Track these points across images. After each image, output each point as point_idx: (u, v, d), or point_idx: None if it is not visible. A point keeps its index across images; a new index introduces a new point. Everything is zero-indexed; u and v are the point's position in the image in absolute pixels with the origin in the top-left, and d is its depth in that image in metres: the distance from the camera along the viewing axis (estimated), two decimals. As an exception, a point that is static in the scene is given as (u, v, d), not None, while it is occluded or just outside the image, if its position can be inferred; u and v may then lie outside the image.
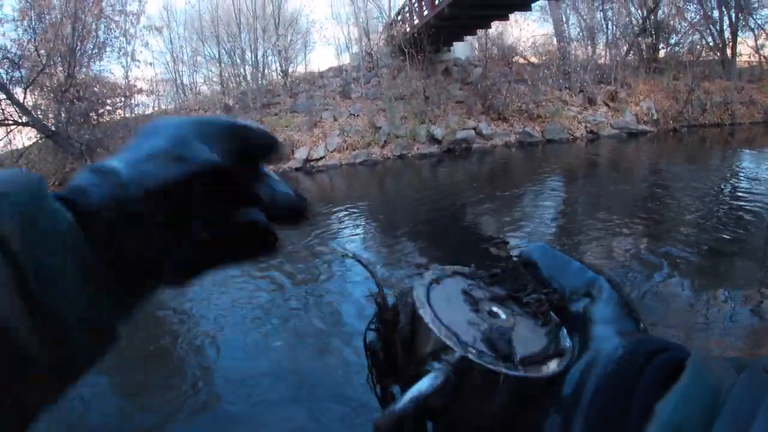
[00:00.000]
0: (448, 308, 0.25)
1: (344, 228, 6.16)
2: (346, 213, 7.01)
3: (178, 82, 14.77)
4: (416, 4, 12.57)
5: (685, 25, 18.07)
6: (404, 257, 4.62)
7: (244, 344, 3.27)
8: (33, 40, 13.33)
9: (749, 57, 19.94)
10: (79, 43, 13.73)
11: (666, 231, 4.96)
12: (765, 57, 19.36)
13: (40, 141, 13.70)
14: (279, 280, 4.28)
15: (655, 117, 14.32)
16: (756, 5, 17.84)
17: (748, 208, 5.59)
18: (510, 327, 0.25)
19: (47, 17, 13.61)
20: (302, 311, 3.66)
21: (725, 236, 4.69)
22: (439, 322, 0.23)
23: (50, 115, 13.60)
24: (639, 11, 16.59)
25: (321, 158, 12.08)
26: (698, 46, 18.28)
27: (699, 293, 3.44)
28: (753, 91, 15.73)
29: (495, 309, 0.26)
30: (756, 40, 19.28)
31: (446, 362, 0.22)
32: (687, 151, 11.65)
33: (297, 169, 12.02)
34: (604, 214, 5.64)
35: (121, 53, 14.62)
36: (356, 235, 5.82)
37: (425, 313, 0.24)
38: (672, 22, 17.56)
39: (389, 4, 14.63)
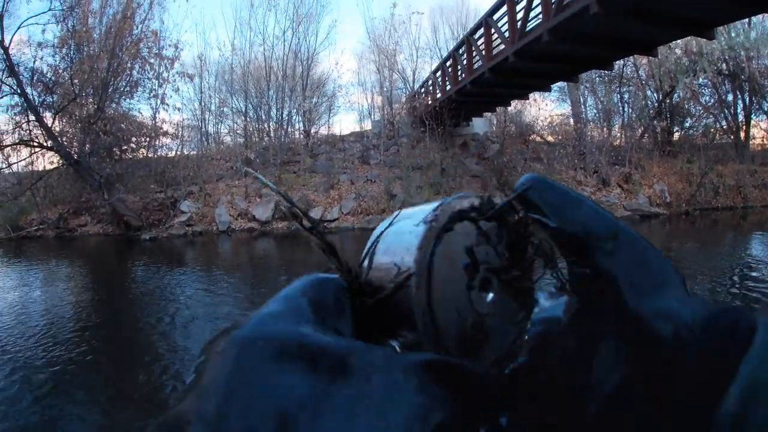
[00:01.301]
0: (446, 281, 0.25)
1: None
2: None
3: (203, 129, 15.19)
4: (440, 79, 12.98)
5: (700, 108, 18.46)
6: None
7: None
8: (69, 68, 13.82)
9: (762, 140, 20.23)
10: (112, 79, 14.18)
11: None
12: (778, 140, 19.63)
13: (61, 167, 13.92)
14: None
15: (668, 200, 14.37)
16: (770, 89, 18.20)
17: (758, 294, 5.55)
18: (487, 317, 0.25)
19: (86, 49, 14.15)
20: None
21: None
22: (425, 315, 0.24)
23: (75, 144, 13.90)
24: (655, 94, 16.99)
25: (335, 220, 12.20)
26: (712, 130, 18.60)
27: None
28: (766, 174, 15.81)
29: (488, 279, 0.27)
30: (770, 123, 19.61)
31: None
32: (699, 235, 11.61)
33: (308, 229, 12.12)
34: None
35: (151, 94, 15.04)
36: None
37: (418, 302, 0.24)
38: (687, 105, 17.95)
39: (413, 77, 15.22)
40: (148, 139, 15.09)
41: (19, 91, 12.71)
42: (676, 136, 17.54)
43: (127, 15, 14.59)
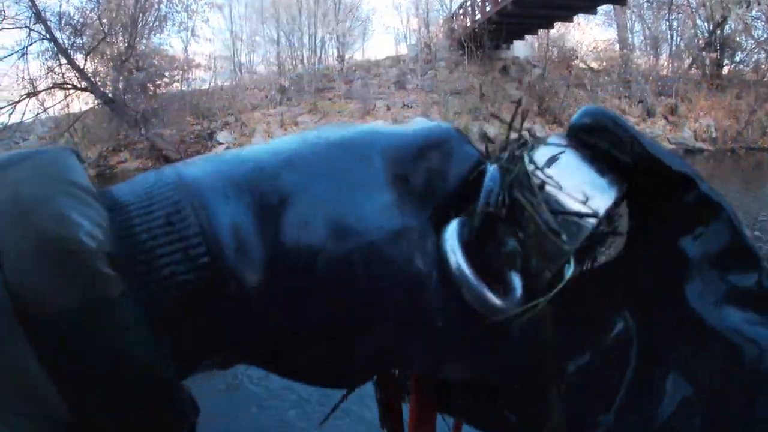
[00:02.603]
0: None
1: None
2: None
3: (236, 60, 15.06)
4: None
5: (752, 42, 17.38)
6: None
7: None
8: (96, 8, 13.73)
9: (817, 80, 19.11)
10: (140, 15, 14.08)
11: None
12: (832, 82, 18.50)
13: (96, 107, 14.09)
14: None
15: (713, 135, 13.83)
16: (827, 26, 16.97)
17: None
18: None
19: None
20: None
21: None
22: None
23: (108, 83, 14.02)
24: (705, 24, 16.02)
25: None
26: (763, 66, 17.59)
27: None
28: (819, 116, 15.11)
29: None
30: (825, 63, 18.43)
31: None
32: (743, 176, 11.23)
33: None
34: None
35: (181, 27, 14.92)
36: None
37: None
38: (738, 38, 16.91)
39: (451, -3, 14.59)
40: (180, 72, 15.06)
41: (48, 36, 12.65)
42: (726, 69, 16.64)
43: None
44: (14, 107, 13.23)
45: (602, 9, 13.19)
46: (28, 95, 13.23)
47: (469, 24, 12.84)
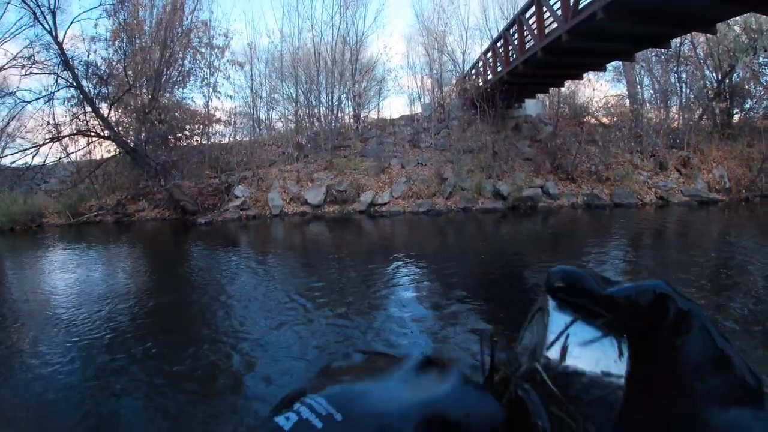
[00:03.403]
0: None
1: (400, 276, 6.15)
2: (405, 261, 7.04)
3: (255, 116, 15.51)
4: (490, 60, 12.79)
5: (761, 89, 17.47)
6: (458, 317, 4.52)
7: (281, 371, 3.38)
8: (122, 60, 14.29)
9: (827, 122, 19.00)
10: (165, 69, 14.60)
11: (731, 307, 4.72)
12: (844, 123, 18.38)
13: (118, 155, 14.51)
14: (330, 320, 4.43)
15: (727, 185, 13.74)
16: (836, 68, 17.01)
17: None
18: None
19: (138, 41, 14.62)
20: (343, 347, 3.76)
21: None
22: None
23: (131, 133, 14.49)
24: (714, 74, 16.18)
25: (385, 203, 12.32)
26: (774, 111, 17.61)
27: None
28: (831, 160, 14.93)
29: None
30: (835, 106, 18.37)
31: None
32: (759, 224, 11.06)
33: (361, 212, 12.30)
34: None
35: (203, 83, 15.44)
36: (411, 285, 5.76)
37: None
38: (747, 86, 17.03)
39: (463, 58, 15.04)
40: (201, 126, 15.55)
41: (74, 84, 13.18)
42: (736, 118, 16.67)
43: (177, 6, 14.98)
44: (38, 150, 13.65)
45: (611, 65, 13.41)
46: (52, 139, 13.69)
47: (481, 84, 13.12)
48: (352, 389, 0.26)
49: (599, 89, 15.65)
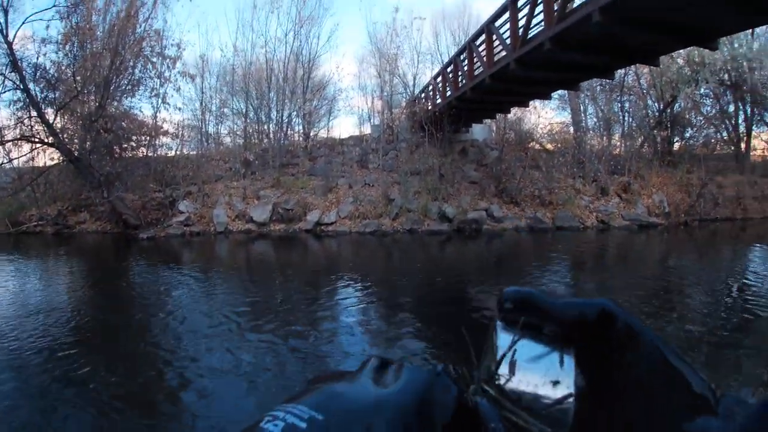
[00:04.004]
0: None
1: (345, 297, 6.11)
2: (350, 282, 7.00)
3: (203, 129, 15.20)
4: (440, 84, 12.99)
5: (701, 119, 18.47)
6: (401, 336, 4.55)
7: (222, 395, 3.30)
8: (72, 65, 13.84)
9: (763, 151, 20.20)
10: (114, 77, 14.18)
11: (672, 326, 4.90)
12: (779, 151, 19.62)
13: (62, 164, 13.95)
14: (271, 340, 4.35)
15: (666, 210, 14.31)
16: (772, 99, 18.16)
17: (755, 306, 5.59)
18: None
19: (89, 46, 14.13)
20: (284, 370, 3.71)
21: (733, 334, 4.68)
22: None
23: (76, 141, 13.94)
24: (656, 104, 16.99)
25: (332, 223, 12.22)
26: (713, 140, 18.62)
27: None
28: (766, 186, 15.74)
29: None
30: (771, 134, 19.59)
31: None
32: (697, 246, 11.60)
33: (307, 231, 12.16)
34: None
35: (152, 93, 15.03)
36: (355, 305, 5.72)
37: None
38: (688, 115, 17.95)
39: (414, 81, 15.24)
40: (148, 138, 15.12)
41: (21, 87, 12.69)
42: (677, 146, 17.55)
43: (131, 13, 14.60)
44: (-22, 153, 13.15)
45: (557, 94, 13.89)
46: (-6, 143, 13.23)
47: (430, 107, 13.28)
48: (328, 392, 0.29)
49: (544, 116, 16.21)
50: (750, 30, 14.51)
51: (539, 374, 0.31)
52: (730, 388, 3.29)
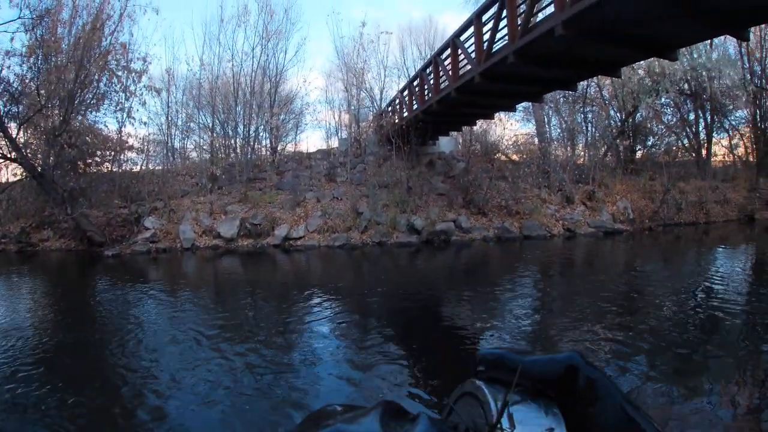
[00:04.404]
0: None
1: (315, 312, 6.06)
2: (320, 296, 6.95)
3: (169, 144, 14.99)
4: (407, 98, 13.15)
5: (662, 127, 19.14)
6: (373, 349, 4.55)
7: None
8: (36, 78, 13.47)
9: (723, 157, 21.03)
10: (79, 90, 13.86)
11: (640, 330, 4.97)
12: (739, 157, 20.46)
13: (25, 180, 13.54)
14: (241, 358, 4.29)
15: (631, 216, 14.69)
16: (731, 107, 18.95)
17: (720, 307, 5.73)
18: None
19: (53, 59, 13.80)
20: (258, 393, 3.65)
21: (699, 335, 4.80)
22: None
23: (39, 156, 13.52)
24: (618, 114, 17.56)
25: (300, 238, 12.16)
26: (674, 148, 19.30)
27: (675, 391, 3.49)
28: (727, 190, 16.35)
29: None
30: (730, 140, 20.42)
31: None
32: (662, 250, 11.87)
33: (275, 246, 12.06)
34: (577, 312, 5.71)
35: (118, 108, 14.72)
36: (326, 322, 5.68)
37: None
38: (649, 124, 18.59)
39: (381, 95, 15.38)
40: (113, 153, 14.81)
41: None
42: (639, 154, 18.14)
43: (97, 26, 14.34)
44: (-62, 168, 12.72)
45: (521, 106, 14.18)
46: (-45, 158, 12.82)
47: (397, 121, 13.41)
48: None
49: (509, 128, 16.54)
50: (708, 41, 15.19)
51: (535, 426, 0.33)
52: (700, 391, 3.46)
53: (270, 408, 3.37)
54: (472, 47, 8.57)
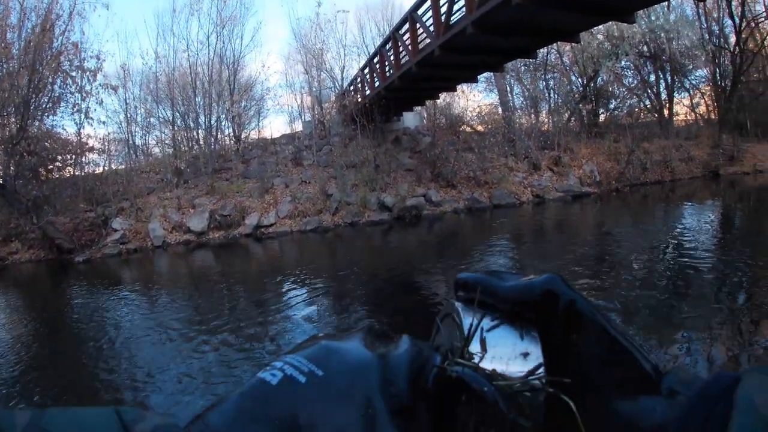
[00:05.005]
0: None
1: (291, 298, 6.07)
2: (295, 282, 6.97)
3: (131, 142, 14.64)
4: (368, 76, 13.09)
5: (624, 90, 19.52)
6: (355, 325, 4.58)
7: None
8: None
9: (686, 116, 21.62)
10: (34, 95, 13.48)
11: (615, 287, 5.08)
12: (700, 115, 21.06)
13: None
14: (220, 351, 4.31)
15: (597, 179, 15.02)
16: (690, 67, 19.42)
17: (690, 262, 5.91)
18: None
19: (5, 66, 13.32)
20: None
21: (673, 291, 4.91)
22: None
23: None
24: (579, 79, 17.81)
25: (272, 225, 12.12)
26: (636, 109, 19.72)
27: (653, 343, 3.58)
28: (691, 148, 16.73)
29: None
30: (692, 99, 20.99)
31: None
32: (630, 210, 12.12)
33: (247, 236, 12.00)
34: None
35: (74, 109, 14.32)
36: (305, 302, 5.73)
37: None
38: (611, 88, 18.92)
39: (342, 75, 15.27)
40: (73, 156, 14.43)
41: None
42: (602, 117, 18.46)
43: (47, 27, 13.85)
44: None
45: (483, 76, 14.28)
46: None
47: (360, 99, 13.34)
48: (327, 348, 0.30)
49: (473, 99, 16.66)
50: (665, 2, 15.44)
51: (509, 348, 0.32)
52: (677, 346, 3.51)
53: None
54: (431, 21, 8.56)
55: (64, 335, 5.78)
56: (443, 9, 7.85)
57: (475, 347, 0.32)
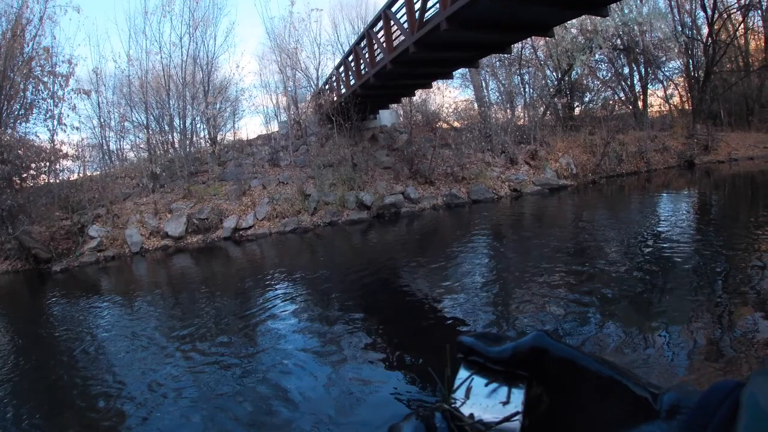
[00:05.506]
0: None
1: (271, 301, 6.06)
2: (275, 284, 6.97)
3: (105, 147, 14.44)
4: (343, 74, 13.07)
5: (598, 83, 19.86)
6: (337, 336, 4.57)
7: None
8: None
9: (660, 107, 22.10)
10: (6, 103, 13.26)
11: (594, 279, 5.14)
12: (674, 106, 21.53)
13: None
14: (202, 358, 4.30)
15: (574, 171, 15.25)
16: (664, 59, 19.82)
17: (668, 250, 6.05)
18: None
19: None
20: (225, 390, 3.68)
21: (651, 278, 5.00)
22: None
23: None
24: (554, 73, 18.06)
25: (250, 227, 12.08)
26: (611, 102, 20.08)
27: (634, 333, 3.65)
28: (665, 139, 17.07)
29: None
30: (665, 91, 21.44)
31: None
32: (607, 201, 12.33)
33: (226, 239, 11.94)
34: (532, 269, 5.89)
35: (47, 116, 14.18)
36: (287, 304, 5.73)
37: None
38: (585, 81, 19.23)
39: (317, 74, 15.22)
40: (47, 163, 14.16)
41: None
42: (577, 110, 18.76)
43: (17, 33, 13.63)
44: None
45: (458, 72, 14.38)
46: None
47: (335, 98, 13.33)
48: None
49: (449, 96, 16.81)
50: None
51: (491, 398, 0.36)
52: (658, 334, 3.55)
53: (236, 403, 3.37)
54: (405, 18, 8.51)
55: (40, 347, 5.70)
56: (417, 5, 7.80)
57: (460, 395, 0.37)
